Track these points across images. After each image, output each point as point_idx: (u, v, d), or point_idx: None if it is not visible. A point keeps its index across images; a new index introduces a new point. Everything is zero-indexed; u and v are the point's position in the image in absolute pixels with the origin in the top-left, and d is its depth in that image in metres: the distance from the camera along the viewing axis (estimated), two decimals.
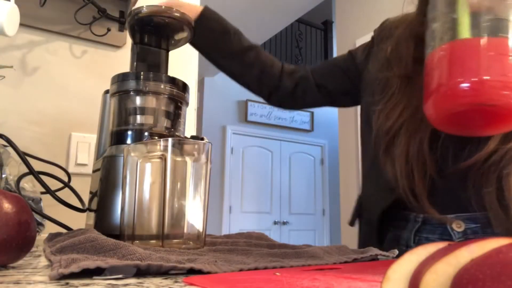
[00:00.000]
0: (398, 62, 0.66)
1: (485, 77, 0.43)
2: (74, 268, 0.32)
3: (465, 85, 0.44)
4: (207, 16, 0.83)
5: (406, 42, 0.66)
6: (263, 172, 5.05)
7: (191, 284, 0.31)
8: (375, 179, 0.72)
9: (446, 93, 0.45)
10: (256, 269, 0.38)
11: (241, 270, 0.37)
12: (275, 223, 4.94)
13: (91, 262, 0.33)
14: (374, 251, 0.50)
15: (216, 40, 0.84)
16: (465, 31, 0.46)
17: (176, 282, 0.32)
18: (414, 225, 0.65)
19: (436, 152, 0.61)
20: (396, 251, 0.53)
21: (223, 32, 0.84)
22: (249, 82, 0.88)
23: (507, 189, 0.54)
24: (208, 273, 0.35)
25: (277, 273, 0.36)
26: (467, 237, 0.60)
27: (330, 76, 0.85)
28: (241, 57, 0.86)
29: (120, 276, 0.33)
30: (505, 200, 0.54)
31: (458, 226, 0.61)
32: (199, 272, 0.36)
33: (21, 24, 0.88)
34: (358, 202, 0.79)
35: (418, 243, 0.64)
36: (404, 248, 0.65)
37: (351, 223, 0.78)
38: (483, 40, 0.45)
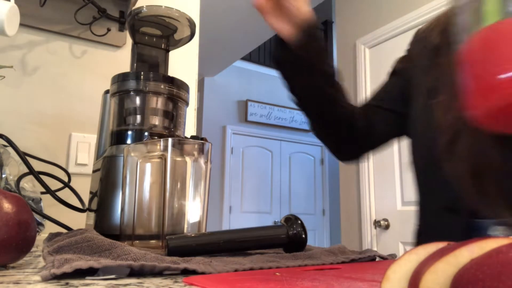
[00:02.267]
0: (447, 48, 0.59)
1: None
2: (67, 268, 0.32)
3: (504, 75, 0.38)
4: (312, 31, 0.69)
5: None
6: (263, 172, 5.05)
7: (191, 284, 0.31)
8: (430, 196, 0.65)
9: (488, 86, 0.40)
10: (251, 269, 0.38)
11: (236, 270, 0.37)
12: (275, 223, 4.94)
13: (83, 262, 0.33)
14: (372, 252, 0.50)
15: (319, 59, 0.70)
16: (494, 14, 0.41)
17: (176, 282, 0.32)
18: (481, 233, 0.57)
19: (498, 148, 0.54)
20: (395, 254, 0.52)
21: (325, 51, 0.71)
22: (340, 109, 0.73)
23: None
24: (203, 273, 0.35)
25: (277, 273, 0.36)
26: None
27: (391, 98, 0.76)
28: (332, 81, 0.71)
29: (113, 276, 0.33)
30: None
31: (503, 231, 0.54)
32: (194, 272, 0.36)
33: (21, 24, 0.88)
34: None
35: None
36: None
37: None
38: None
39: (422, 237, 0.66)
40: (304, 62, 0.68)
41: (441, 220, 0.61)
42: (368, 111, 0.76)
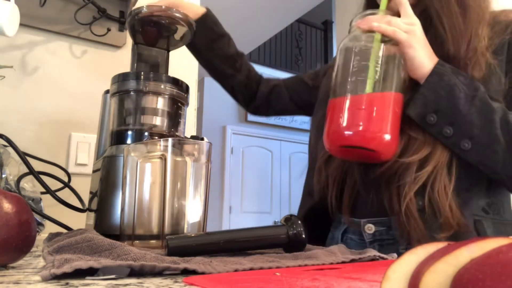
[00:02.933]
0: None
1: (353, 128, 0.60)
2: (67, 268, 0.32)
3: (333, 132, 0.62)
4: (208, 16, 0.90)
5: None
6: (263, 172, 5.05)
7: (191, 284, 0.31)
8: (305, 184, 0.84)
9: (332, 135, 0.63)
10: (251, 269, 0.38)
11: (236, 270, 0.37)
12: (275, 223, 4.94)
13: (83, 263, 0.33)
14: (372, 252, 0.50)
15: (213, 41, 0.91)
16: (344, 89, 0.63)
17: (176, 282, 0.32)
18: (342, 227, 0.75)
19: (361, 165, 0.70)
20: (395, 255, 0.53)
21: (221, 34, 0.92)
22: (235, 85, 0.97)
23: (403, 196, 0.63)
24: (203, 273, 0.35)
25: (277, 273, 0.36)
26: (375, 238, 0.69)
27: (298, 90, 0.96)
28: (233, 61, 0.94)
29: (113, 276, 0.33)
30: (400, 205, 0.63)
31: (369, 229, 0.70)
32: (194, 272, 0.36)
33: (21, 24, 0.88)
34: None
35: (345, 242, 0.74)
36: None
37: None
38: (344, 99, 0.62)
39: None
40: (196, 48, 0.91)
41: (304, 200, 0.83)
42: (275, 86, 0.97)
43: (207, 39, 0.90)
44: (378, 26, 0.62)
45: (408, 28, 0.62)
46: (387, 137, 0.59)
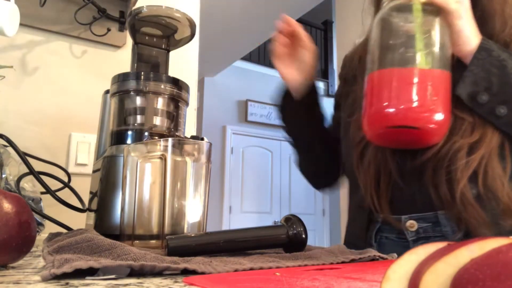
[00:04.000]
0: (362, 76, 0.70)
1: (407, 104, 0.52)
2: (67, 268, 0.32)
3: (389, 109, 0.53)
4: (314, 84, 0.81)
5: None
6: (263, 172, 5.05)
7: (191, 284, 0.31)
8: (353, 195, 0.77)
9: (375, 115, 0.55)
10: (251, 269, 0.38)
11: (236, 270, 0.37)
12: (275, 223, 4.94)
13: (83, 262, 0.33)
14: (372, 252, 0.50)
15: (311, 108, 0.82)
16: (380, 62, 0.56)
17: (176, 282, 0.32)
18: (376, 225, 0.69)
19: (396, 154, 0.65)
20: (395, 255, 0.53)
21: (318, 104, 0.83)
22: (323, 156, 0.85)
23: (456, 183, 0.58)
24: (203, 273, 0.35)
25: (277, 273, 0.36)
26: (419, 236, 0.64)
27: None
28: (323, 125, 0.84)
29: (113, 276, 0.33)
30: (454, 192, 0.59)
31: (411, 226, 0.65)
32: (194, 272, 0.36)
33: (21, 24, 0.88)
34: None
35: (379, 243, 0.69)
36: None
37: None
38: (392, 71, 0.54)
39: (348, 228, 0.78)
40: (303, 109, 0.79)
41: (355, 215, 0.75)
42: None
43: (307, 105, 0.80)
44: None
45: None
46: (442, 116, 0.52)
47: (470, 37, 0.57)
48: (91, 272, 0.33)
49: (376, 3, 0.70)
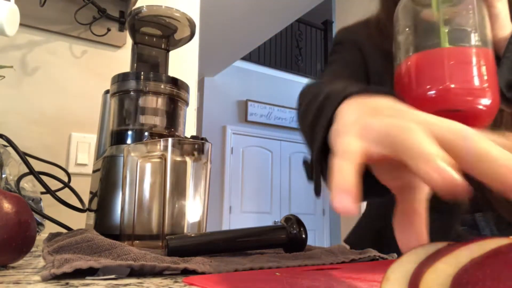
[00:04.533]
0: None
1: (449, 85, 0.47)
2: (67, 268, 0.32)
3: (432, 92, 0.48)
4: None
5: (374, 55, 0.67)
6: (263, 172, 5.05)
7: (191, 284, 0.31)
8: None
9: (416, 101, 0.49)
10: (251, 269, 0.38)
11: (236, 270, 0.37)
12: (275, 223, 4.94)
13: (83, 262, 0.33)
14: (372, 252, 0.50)
15: None
16: (426, 41, 0.51)
17: (176, 282, 0.32)
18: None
19: None
20: (395, 255, 0.52)
21: None
22: None
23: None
24: (203, 273, 0.35)
25: (277, 273, 0.36)
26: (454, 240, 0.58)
27: None
28: None
29: (113, 276, 0.33)
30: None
31: None
32: (194, 272, 0.36)
33: (21, 24, 0.88)
34: None
35: None
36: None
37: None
38: (444, 50, 0.49)
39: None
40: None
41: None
42: None
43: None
44: None
45: None
46: (491, 98, 0.49)
47: (506, 22, 0.54)
48: (91, 272, 0.33)
49: None
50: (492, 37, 0.53)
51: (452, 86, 0.47)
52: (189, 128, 1.21)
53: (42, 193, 0.79)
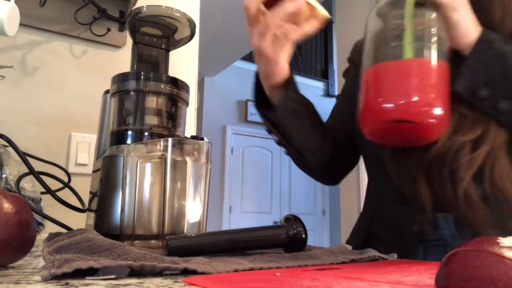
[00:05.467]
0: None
1: (404, 97, 0.50)
2: (67, 268, 0.32)
3: (387, 104, 0.50)
4: (294, 80, 0.71)
5: None
6: (263, 172, 5.05)
7: (191, 284, 0.31)
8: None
9: (372, 110, 0.52)
10: (251, 269, 0.38)
11: (236, 270, 0.37)
12: (275, 223, 4.94)
13: (83, 262, 0.33)
14: (372, 252, 0.50)
15: (307, 105, 0.72)
16: (389, 52, 0.53)
17: (176, 282, 0.32)
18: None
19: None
20: (395, 255, 0.52)
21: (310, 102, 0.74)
22: (329, 155, 0.75)
23: (459, 181, 0.55)
24: (203, 273, 0.35)
25: (277, 273, 0.36)
26: (420, 239, 0.61)
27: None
28: (322, 128, 0.74)
29: (113, 276, 0.33)
30: (457, 193, 0.56)
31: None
32: (194, 272, 0.36)
33: (21, 24, 0.88)
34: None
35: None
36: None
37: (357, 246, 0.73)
38: (398, 63, 0.52)
39: (377, 222, 0.70)
40: (289, 113, 0.68)
41: (393, 211, 0.67)
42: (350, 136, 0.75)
43: (301, 104, 0.71)
44: None
45: None
46: (441, 110, 0.50)
47: (469, 29, 0.54)
48: (91, 272, 0.33)
49: None
50: (457, 45, 0.56)
51: (407, 98, 0.50)
52: (189, 128, 1.21)
53: (42, 193, 0.79)
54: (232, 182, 4.74)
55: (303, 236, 0.51)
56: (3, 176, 0.72)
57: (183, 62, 1.25)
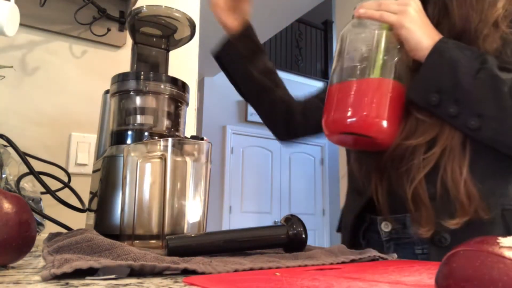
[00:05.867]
0: None
1: (349, 113, 0.59)
2: (67, 268, 0.32)
3: (337, 118, 0.60)
4: (251, 26, 0.87)
5: None
6: (263, 172, 5.05)
7: (191, 284, 0.31)
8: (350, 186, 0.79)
9: (329, 122, 0.62)
10: (251, 269, 0.38)
11: (236, 270, 0.37)
12: (275, 223, 4.94)
13: (83, 262, 0.33)
14: (372, 252, 0.50)
15: (255, 52, 0.87)
16: (340, 74, 0.63)
17: (176, 282, 0.32)
18: (364, 225, 0.72)
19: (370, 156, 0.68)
20: (395, 255, 0.53)
21: (261, 47, 0.89)
22: (276, 99, 0.88)
23: (410, 180, 0.60)
24: (203, 273, 0.35)
25: (277, 273, 0.36)
26: (391, 237, 0.66)
27: None
28: (272, 74, 0.89)
29: (113, 276, 0.33)
30: (407, 192, 0.60)
31: (385, 227, 0.67)
32: (194, 272, 0.36)
33: (21, 24, 0.88)
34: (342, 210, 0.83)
35: (367, 240, 0.71)
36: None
37: (338, 230, 0.82)
38: (346, 84, 0.61)
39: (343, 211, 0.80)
40: (243, 52, 0.85)
41: (351, 200, 0.76)
42: (307, 106, 0.89)
43: (250, 50, 0.86)
44: (364, 12, 0.61)
45: (399, 9, 0.60)
46: (385, 123, 0.58)
47: (421, 42, 0.59)
48: (91, 272, 0.33)
49: None
50: (414, 57, 0.61)
51: (338, 116, 0.59)
52: (189, 128, 1.21)
53: (42, 193, 0.79)
54: (232, 182, 4.74)
55: (303, 236, 0.51)
56: (3, 176, 0.72)
57: (183, 62, 1.25)
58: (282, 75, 0.94)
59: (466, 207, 0.57)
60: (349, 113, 0.58)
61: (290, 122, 0.89)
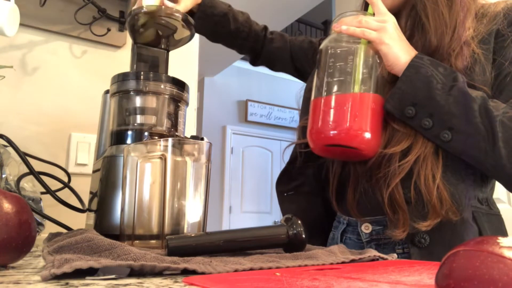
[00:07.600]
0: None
1: (331, 126, 0.62)
2: (67, 268, 0.32)
3: (320, 131, 0.63)
4: (205, 3, 0.91)
5: None
6: (263, 172, 5.05)
7: (191, 284, 0.31)
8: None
9: (312, 135, 0.65)
10: (251, 269, 0.38)
11: (236, 270, 0.37)
12: (275, 223, 4.94)
13: (83, 262, 0.33)
14: (372, 252, 0.50)
15: (216, 24, 0.93)
16: (320, 88, 0.65)
17: (176, 282, 0.32)
18: (342, 226, 0.76)
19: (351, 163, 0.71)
20: (395, 255, 0.53)
21: (222, 15, 0.93)
22: (245, 50, 1.00)
23: (386, 186, 0.63)
24: (203, 273, 0.35)
25: (277, 273, 0.36)
26: (372, 238, 0.70)
27: (303, 55, 1.00)
28: (239, 33, 0.96)
29: (113, 276, 0.33)
30: (384, 196, 0.63)
31: (366, 228, 0.70)
32: (194, 272, 0.36)
33: (21, 24, 0.88)
34: None
35: (344, 242, 0.75)
36: None
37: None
38: (328, 98, 0.63)
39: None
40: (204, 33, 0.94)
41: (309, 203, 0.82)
42: (278, 49, 1.00)
43: (210, 26, 0.92)
44: (346, 29, 0.64)
45: (378, 26, 0.63)
46: (368, 135, 0.61)
47: (399, 58, 0.62)
48: (91, 272, 0.33)
49: None
50: (391, 71, 0.64)
51: (321, 130, 0.62)
52: (189, 128, 1.21)
53: (42, 193, 0.79)
54: (232, 182, 4.74)
55: (303, 236, 0.51)
56: (3, 176, 0.72)
57: (183, 62, 1.25)
58: (282, 75, 0.96)
59: (438, 210, 0.60)
60: (333, 126, 0.62)
61: (258, 61, 1.02)
